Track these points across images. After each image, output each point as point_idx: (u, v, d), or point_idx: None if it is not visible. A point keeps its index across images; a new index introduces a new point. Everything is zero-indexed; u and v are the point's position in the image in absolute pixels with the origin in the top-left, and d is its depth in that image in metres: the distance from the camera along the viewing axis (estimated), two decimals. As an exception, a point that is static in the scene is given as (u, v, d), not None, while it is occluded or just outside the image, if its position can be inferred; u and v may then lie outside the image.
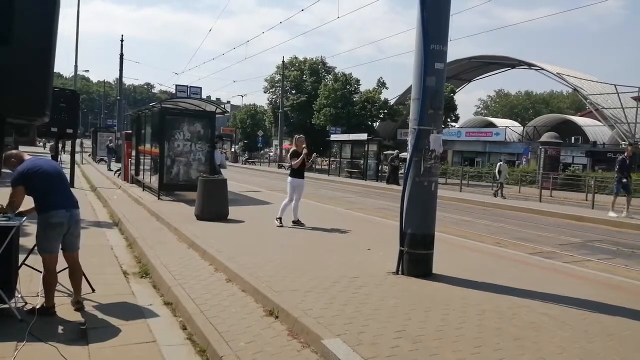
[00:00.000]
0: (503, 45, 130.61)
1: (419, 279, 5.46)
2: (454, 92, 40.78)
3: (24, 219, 4.46)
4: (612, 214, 13.73)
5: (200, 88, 24.61)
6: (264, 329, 4.13)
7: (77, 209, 4.59)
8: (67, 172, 8.16)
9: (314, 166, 39.39)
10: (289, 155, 9.41)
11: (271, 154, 54.94)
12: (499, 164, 21.11)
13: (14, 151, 4.67)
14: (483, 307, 4.61)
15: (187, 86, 24.30)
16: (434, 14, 5.34)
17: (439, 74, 5.39)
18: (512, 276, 5.99)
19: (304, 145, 9.19)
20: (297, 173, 9.13)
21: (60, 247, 4.52)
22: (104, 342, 4.00)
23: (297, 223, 9.12)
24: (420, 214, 5.50)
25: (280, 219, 9.07)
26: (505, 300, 4.91)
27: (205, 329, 4.14)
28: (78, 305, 4.64)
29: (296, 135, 9.91)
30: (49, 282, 4.45)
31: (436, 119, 5.48)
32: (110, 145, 27.15)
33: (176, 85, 26.01)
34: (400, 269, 5.60)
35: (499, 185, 20.23)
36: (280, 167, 39.48)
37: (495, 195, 20.05)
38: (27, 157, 4.54)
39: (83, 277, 4.87)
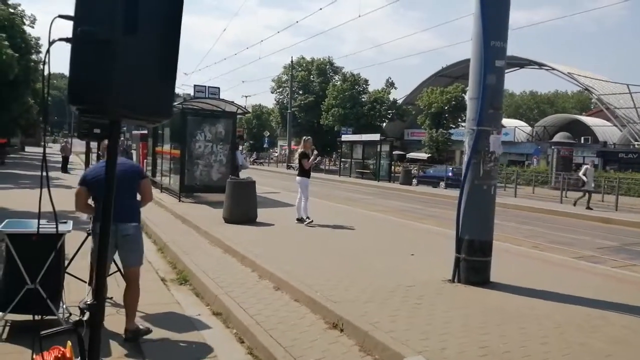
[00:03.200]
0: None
1: (477, 287, 5.20)
2: (465, 92, 40.49)
3: (70, 228, 4.19)
4: None
5: (219, 88, 24.51)
6: (331, 344, 3.87)
7: (127, 222, 3.99)
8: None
9: (321, 166, 39.33)
10: (298, 156, 9.63)
11: (276, 154, 54.66)
12: (584, 167, 17.21)
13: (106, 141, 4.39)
14: (557, 320, 4.34)
15: (205, 86, 24.07)
16: (494, 9, 5.07)
17: (499, 72, 5.12)
18: (569, 283, 5.72)
19: (313, 147, 9.71)
20: (307, 173, 9.43)
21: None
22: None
23: (300, 220, 9.31)
24: (479, 219, 5.24)
25: (307, 217, 9.28)
26: (576, 311, 4.64)
27: (267, 343, 3.88)
28: (130, 335, 3.93)
29: (304, 137, 10.08)
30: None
31: (496, 120, 5.21)
32: (124, 146, 26.87)
33: (194, 85, 25.94)
34: (456, 276, 5.34)
35: (586, 194, 16.26)
36: (289, 167, 39.08)
37: (588, 207, 15.96)
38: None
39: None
